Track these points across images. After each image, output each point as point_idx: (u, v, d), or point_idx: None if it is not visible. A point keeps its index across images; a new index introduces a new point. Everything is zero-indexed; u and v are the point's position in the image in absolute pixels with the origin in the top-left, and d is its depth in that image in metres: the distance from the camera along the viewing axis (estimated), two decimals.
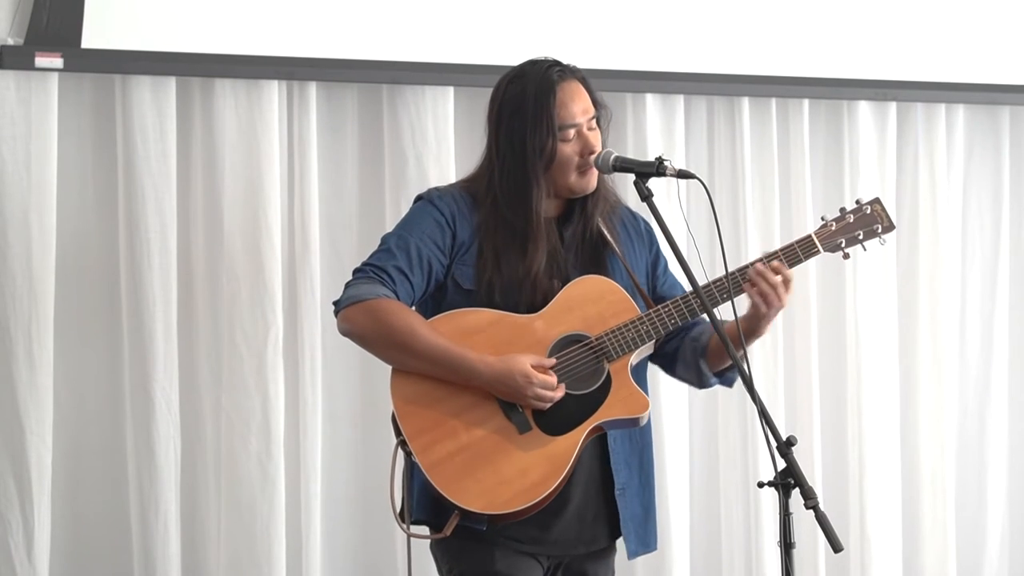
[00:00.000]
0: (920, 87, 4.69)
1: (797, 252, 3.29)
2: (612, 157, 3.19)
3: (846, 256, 3.35)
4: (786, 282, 3.22)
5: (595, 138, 3.23)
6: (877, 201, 3.36)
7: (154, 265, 3.89)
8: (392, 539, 4.08)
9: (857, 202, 3.36)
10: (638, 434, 3.29)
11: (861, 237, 3.33)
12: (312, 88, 4.06)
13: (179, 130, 3.94)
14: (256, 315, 3.97)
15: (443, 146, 4.16)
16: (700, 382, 3.38)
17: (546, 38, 4.13)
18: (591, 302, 3.22)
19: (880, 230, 3.34)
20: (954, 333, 4.84)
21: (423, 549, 3.28)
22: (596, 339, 3.19)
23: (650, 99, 4.40)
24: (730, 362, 3.31)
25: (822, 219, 3.34)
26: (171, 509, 3.90)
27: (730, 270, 3.14)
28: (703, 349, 3.32)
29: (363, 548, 4.18)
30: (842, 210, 3.35)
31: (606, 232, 3.29)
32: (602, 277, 3.25)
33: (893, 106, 4.72)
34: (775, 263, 3.22)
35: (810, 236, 3.31)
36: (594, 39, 4.26)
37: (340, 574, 4.16)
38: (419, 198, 3.32)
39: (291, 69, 3.99)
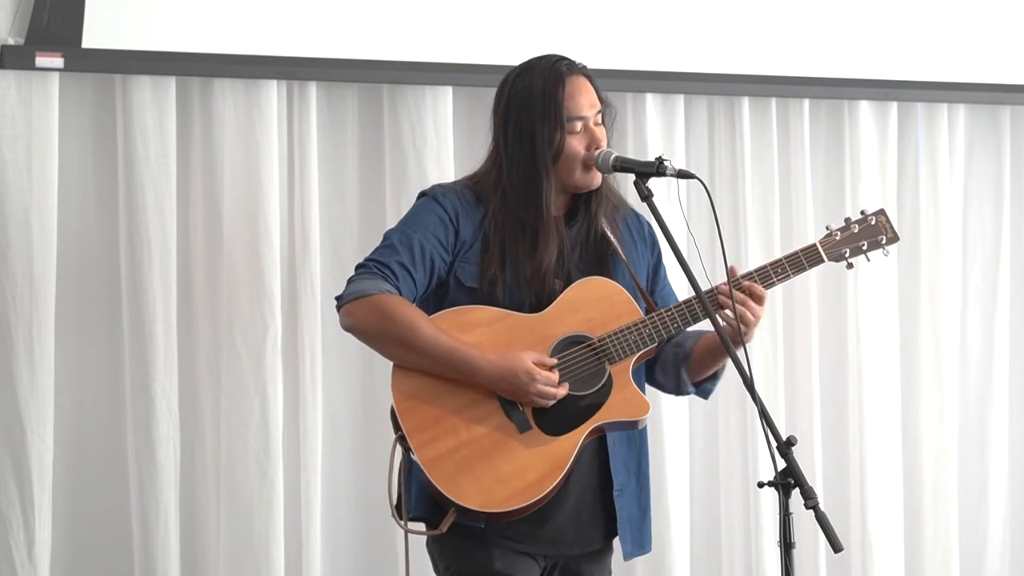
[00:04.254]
0: (921, 87, 4.69)
1: (801, 261, 3.29)
2: (612, 157, 3.19)
3: (849, 266, 3.35)
4: (757, 298, 3.19)
5: (601, 134, 3.22)
6: (882, 212, 3.36)
7: (154, 265, 3.89)
8: (392, 539, 4.07)
9: (862, 212, 3.36)
10: (636, 436, 3.28)
11: (865, 247, 3.34)
12: (312, 88, 4.06)
13: (179, 130, 3.95)
14: (255, 315, 3.97)
15: (443, 146, 4.16)
16: (678, 389, 3.37)
17: (546, 38, 4.12)
18: (595, 303, 3.21)
19: (884, 241, 3.35)
20: (955, 332, 4.84)
21: (422, 548, 3.28)
22: (599, 340, 3.18)
23: (650, 99, 4.40)
24: (710, 373, 3.32)
25: (827, 228, 3.34)
26: (171, 509, 3.90)
27: (703, 290, 3.10)
28: (685, 356, 3.32)
29: (363, 548, 4.18)
30: (847, 220, 3.35)
31: (609, 233, 3.29)
32: (606, 279, 3.24)
33: (894, 106, 4.72)
34: (746, 283, 3.20)
35: (815, 245, 3.31)
36: (594, 39, 4.26)
37: (340, 574, 4.16)
38: (422, 194, 3.31)
39: (291, 69, 3.99)
